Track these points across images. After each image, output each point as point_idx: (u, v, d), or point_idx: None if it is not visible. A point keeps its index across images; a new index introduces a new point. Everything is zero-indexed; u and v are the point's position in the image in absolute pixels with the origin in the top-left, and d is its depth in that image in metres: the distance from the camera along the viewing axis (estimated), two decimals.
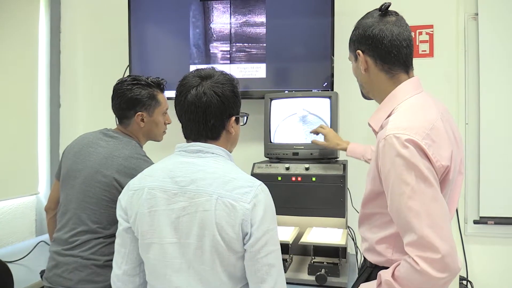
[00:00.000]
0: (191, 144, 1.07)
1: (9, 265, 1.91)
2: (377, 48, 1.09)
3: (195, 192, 0.99)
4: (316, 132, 1.76)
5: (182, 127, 1.10)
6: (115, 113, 1.54)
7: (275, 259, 1.00)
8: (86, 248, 1.38)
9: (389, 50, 1.08)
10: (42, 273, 1.54)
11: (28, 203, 2.49)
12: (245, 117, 1.19)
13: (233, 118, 1.09)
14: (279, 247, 1.02)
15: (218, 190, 0.98)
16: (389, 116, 1.08)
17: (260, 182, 1.04)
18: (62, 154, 1.55)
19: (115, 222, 1.35)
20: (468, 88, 2.10)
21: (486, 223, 2.05)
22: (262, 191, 1.01)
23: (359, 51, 1.12)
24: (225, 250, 0.97)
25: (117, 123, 1.56)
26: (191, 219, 0.98)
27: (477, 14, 2.07)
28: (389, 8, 1.12)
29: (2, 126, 2.28)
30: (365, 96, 1.23)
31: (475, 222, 2.07)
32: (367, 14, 1.14)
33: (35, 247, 2.11)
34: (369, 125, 1.15)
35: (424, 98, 1.10)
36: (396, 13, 1.12)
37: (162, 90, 1.57)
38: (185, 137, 1.11)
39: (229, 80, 1.10)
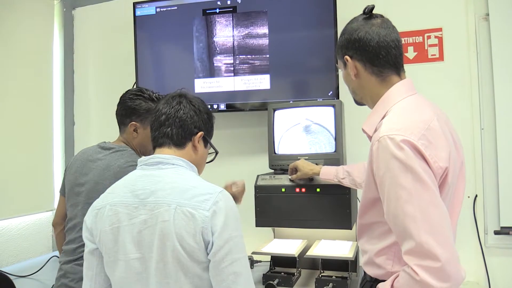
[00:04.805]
0: (151, 157, 1.07)
1: (21, 279, 1.96)
2: (364, 51, 1.06)
3: (155, 203, 0.98)
4: (291, 173, 1.74)
5: (151, 136, 1.12)
6: (116, 118, 1.59)
7: (241, 267, 0.96)
8: None
9: (377, 52, 1.05)
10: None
11: (44, 219, 2.55)
12: (215, 154, 1.20)
13: (201, 134, 1.11)
14: (245, 254, 0.99)
15: (177, 199, 0.96)
16: (382, 118, 1.04)
17: (222, 189, 1.01)
18: (64, 170, 1.58)
19: None
20: (482, 92, 2.00)
21: (508, 233, 1.92)
22: (223, 197, 0.98)
23: (347, 57, 1.10)
24: (187, 261, 0.95)
25: None
26: (152, 232, 0.97)
27: (488, 15, 1.98)
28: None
29: (19, 144, 2.36)
30: (358, 103, 1.20)
31: (496, 232, 1.94)
32: (352, 19, 1.12)
33: (47, 262, 2.15)
34: (363, 130, 1.11)
35: (418, 100, 1.07)
36: (381, 16, 1.09)
37: None
38: (153, 146, 1.12)
39: (206, 105, 1.17)
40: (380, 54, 1.05)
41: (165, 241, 0.95)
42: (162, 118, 1.08)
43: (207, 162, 1.19)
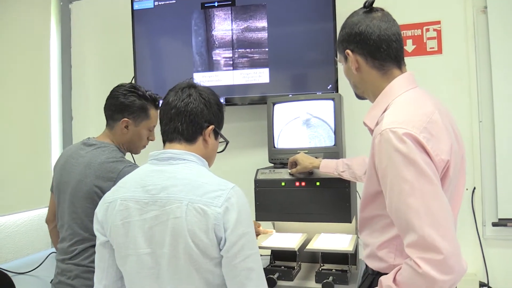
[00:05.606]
0: (162, 152, 1.06)
1: (21, 276, 1.95)
2: (366, 45, 1.06)
3: (166, 199, 0.97)
4: (290, 166, 1.73)
5: (161, 129, 1.10)
6: (104, 113, 1.55)
7: (253, 263, 0.96)
8: (85, 256, 1.41)
9: (378, 46, 1.05)
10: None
11: (43, 215, 2.50)
12: (225, 144, 1.19)
13: (212, 127, 1.09)
14: (257, 250, 0.99)
15: (189, 195, 0.96)
16: (384, 112, 1.04)
17: (234, 185, 1.01)
18: (53, 168, 1.57)
19: None
20: (480, 85, 2.01)
21: (505, 225, 1.94)
22: (235, 193, 0.98)
23: (348, 51, 1.10)
24: (200, 257, 0.95)
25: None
26: (164, 228, 0.97)
27: (486, 7, 1.98)
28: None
29: (17, 140, 2.35)
30: (359, 97, 1.20)
31: (494, 224, 1.96)
32: (352, 13, 1.12)
33: (46, 258, 2.15)
34: (365, 124, 1.12)
35: (420, 93, 1.07)
36: (381, 9, 1.10)
37: (156, 107, 1.57)
38: (163, 140, 1.10)
39: (216, 94, 1.14)
40: (381, 48, 1.05)
41: (177, 237, 0.95)
42: (172, 112, 1.06)
43: (218, 152, 1.18)
